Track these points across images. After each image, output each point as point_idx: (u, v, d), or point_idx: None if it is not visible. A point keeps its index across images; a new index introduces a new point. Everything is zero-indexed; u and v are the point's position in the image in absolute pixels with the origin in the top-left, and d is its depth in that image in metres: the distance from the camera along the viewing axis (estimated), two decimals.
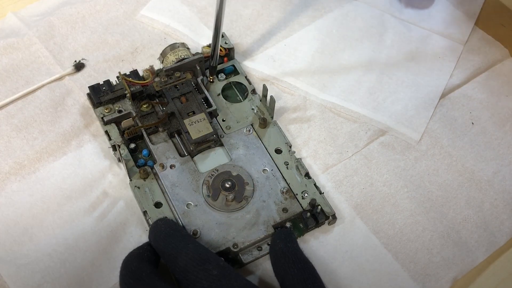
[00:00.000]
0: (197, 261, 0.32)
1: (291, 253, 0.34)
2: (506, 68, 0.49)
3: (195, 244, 0.33)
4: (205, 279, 0.31)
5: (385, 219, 0.40)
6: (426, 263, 0.38)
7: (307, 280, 0.32)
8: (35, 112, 0.44)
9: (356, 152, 0.43)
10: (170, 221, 0.36)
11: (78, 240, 0.38)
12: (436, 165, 0.43)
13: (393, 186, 0.42)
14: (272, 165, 0.41)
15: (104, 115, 0.42)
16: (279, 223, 0.38)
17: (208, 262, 0.32)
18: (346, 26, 0.52)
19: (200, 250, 0.33)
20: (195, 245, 0.33)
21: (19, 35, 0.48)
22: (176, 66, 0.43)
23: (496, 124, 0.46)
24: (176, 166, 0.40)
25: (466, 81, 0.48)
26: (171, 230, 0.35)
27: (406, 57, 0.50)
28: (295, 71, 0.48)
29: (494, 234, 0.40)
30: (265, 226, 0.38)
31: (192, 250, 0.32)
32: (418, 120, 0.45)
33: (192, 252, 0.32)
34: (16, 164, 0.41)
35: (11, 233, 0.38)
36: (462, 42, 0.51)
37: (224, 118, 0.43)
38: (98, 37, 0.49)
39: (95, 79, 0.45)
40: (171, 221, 0.37)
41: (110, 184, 0.41)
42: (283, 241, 0.35)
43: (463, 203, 0.41)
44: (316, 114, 0.45)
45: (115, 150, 0.41)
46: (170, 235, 0.34)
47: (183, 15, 0.51)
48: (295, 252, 0.35)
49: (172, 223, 0.36)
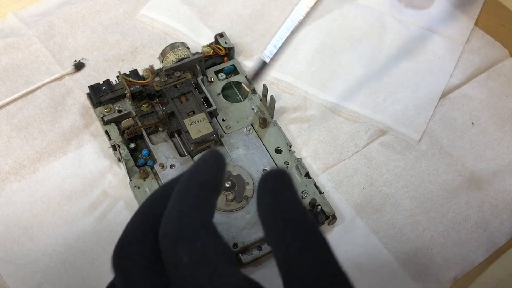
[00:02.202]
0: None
1: (282, 212, 0.23)
2: (506, 68, 0.49)
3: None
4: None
5: (385, 219, 0.40)
6: (426, 263, 0.38)
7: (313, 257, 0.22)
8: (35, 112, 0.44)
9: (356, 152, 0.43)
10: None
11: (78, 240, 0.38)
12: (436, 165, 0.43)
13: (393, 186, 0.42)
14: (272, 165, 0.41)
15: (104, 115, 0.42)
16: None
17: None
18: (346, 26, 0.52)
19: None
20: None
21: (19, 35, 0.48)
22: (176, 65, 0.43)
23: (496, 124, 0.46)
24: (176, 166, 0.40)
25: (466, 81, 0.48)
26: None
27: (406, 57, 0.50)
28: (295, 71, 0.48)
29: (494, 234, 0.40)
30: None
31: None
32: (418, 120, 0.45)
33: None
34: (16, 164, 0.41)
35: (11, 233, 0.38)
36: (462, 42, 0.51)
37: (224, 118, 0.43)
38: (98, 36, 0.49)
39: (95, 79, 0.45)
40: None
41: (110, 184, 0.41)
42: (270, 191, 0.24)
43: (463, 203, 0.41)
44: (316, 114, 0.45)
45: (115, 150, 0.41)
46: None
47: (183, 14, 0.51)
48: (291, 209, 0.23)
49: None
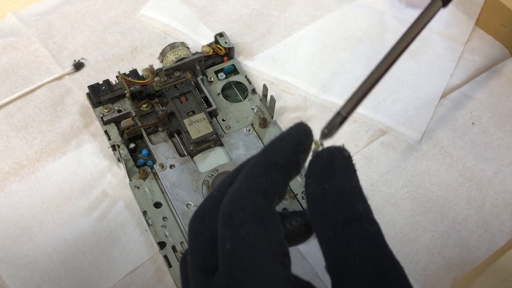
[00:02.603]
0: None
1: (333, 205, 0.20)
2: (506, 68, 0.49)
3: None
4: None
5: (385, 219, 0.40)
6: (426, 263, 0.38)
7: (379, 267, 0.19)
8: (35, 112, 0.44)
9: (356, 152, 0.43)
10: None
11: (77, 240, 0.38)
12: (437, 165, 0.43)
13: (393, 186, 0.42)
14: None
15: (104, 115, 0.42)
16: None
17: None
18: (346, 26, 0.52)
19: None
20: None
21: (19, 35, 0.48)
22: (176, 65, 0.43)
23: (497, 124, 0.45)
24: (176, 166, 0.40)
25: (466, 81, 0.48)
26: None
27: (406, 57, 0.50)
28: (295, 71, 0.48)
29: (494, 234, 0.40)
30: None
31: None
32: (418, 120, 0.45)
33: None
34: (16, 164, 0.41)
35: (11, 233, 0.38)
36: (462, 42, 0.51)
37: (224, 118, 0.43)
38: (98, 36, 0.49)
39: (95, 79, 0.45)
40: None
41: (110, 184, 0.41)
42: (319, 178, 0.21)
43: (464, 203, 0.41)
44: (316, 114, 0.45)
45: (114, 150, 0.41)
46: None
47: (182, 14, 0.51)
48: (344, 200, 0.20)
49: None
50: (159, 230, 0.37)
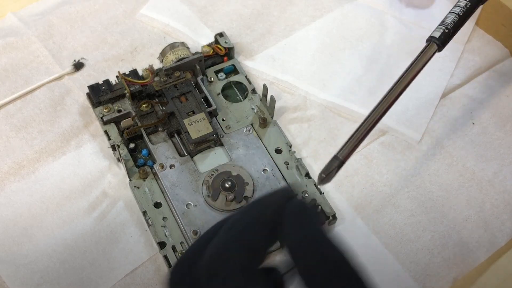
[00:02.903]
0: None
1: (314, 248, 0.21)
2: (506, 68, 0.49)
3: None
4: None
5: (385, 219, 0.40)
6: (426, 263, 0.38)
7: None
8: (34, 112, 0.44)
9: (357, 152, 0.43)
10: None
11: (77, 240, 0.38)
12: (437, 165, 0.43)
13: (393, 186, 0.42)
14: (272, 165, 0.41)
15: (104, 115, 0.42)
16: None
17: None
18: (346, 26, 0.51)
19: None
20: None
21: (18, 35, 0.48)
22: (176, 65, 0.43)
23: (497, 124, 0.45)
24: (176, 166, 0.40)
25: (466, 81, 0.48)
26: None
27: (406, 57, 0.49)
28: (295, 71, 0.48)
29: (494, 235, 0.40)
30: None
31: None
32: (418, 120, 0.45)
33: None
34: (15, 164, 0.41)
35: (10, 233, 0.38)
36: (462, 42, 0.51)
37: (224, 118, 0.43)
38: (98, 36, 0.49)
39: (95, 79, 0.45)
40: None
41: (110, 184, 0.41)
42: (297, 226, 0.22)
43: (464, 203, 0.41)
44: (316, 114, 0.45)
45: (114, 150, 0.41)
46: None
47: (182, 14, 0.51)
48: (321, 244, 0.21)
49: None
50: (159, 230, 0.37)
